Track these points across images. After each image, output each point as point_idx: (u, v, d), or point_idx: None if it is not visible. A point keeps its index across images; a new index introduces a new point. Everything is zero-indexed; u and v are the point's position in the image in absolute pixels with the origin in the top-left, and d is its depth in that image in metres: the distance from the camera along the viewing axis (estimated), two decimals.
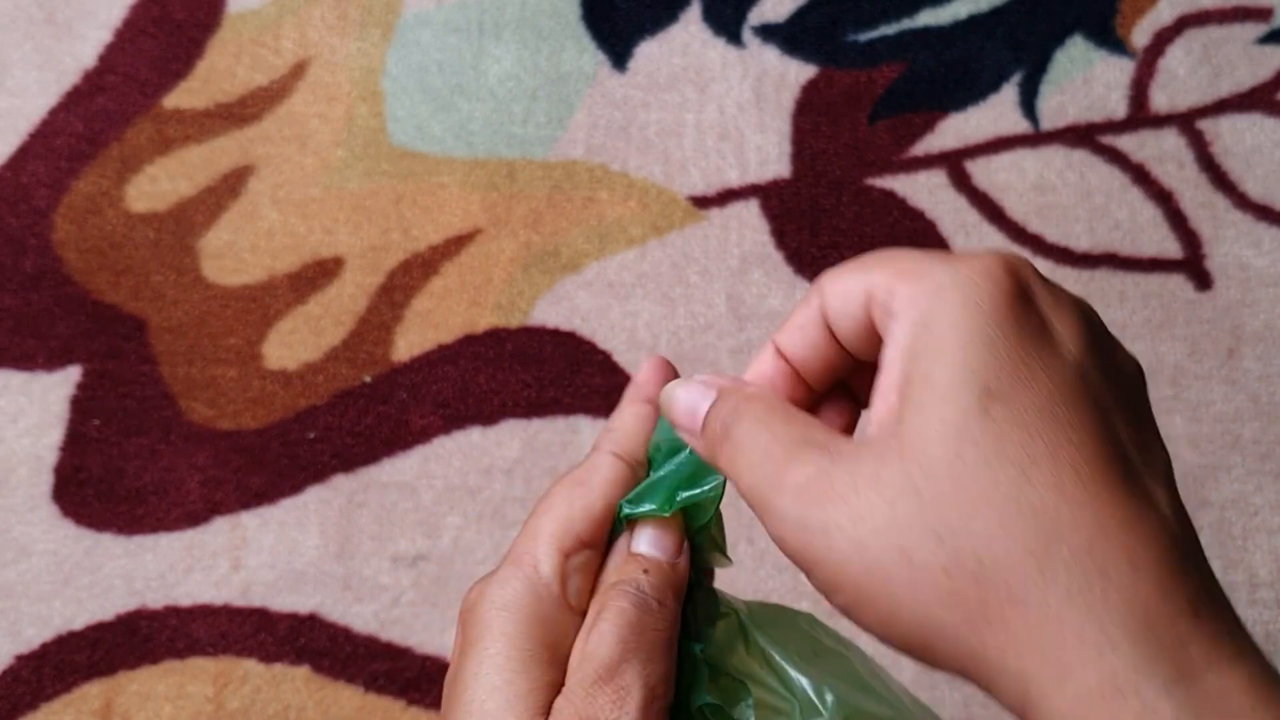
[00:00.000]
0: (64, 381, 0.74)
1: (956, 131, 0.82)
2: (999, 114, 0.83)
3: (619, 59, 0.84)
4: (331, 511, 0.71)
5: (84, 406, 0.74)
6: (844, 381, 0.33)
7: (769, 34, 0.85)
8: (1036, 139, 0.82)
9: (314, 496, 0.72)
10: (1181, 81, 0.83)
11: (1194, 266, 0.78)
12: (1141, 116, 0.82)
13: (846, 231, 0.78)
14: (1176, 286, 0.77)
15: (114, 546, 0.71)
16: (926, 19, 0.86)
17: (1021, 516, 0.25)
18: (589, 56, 0.84)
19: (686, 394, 0.32)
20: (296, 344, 0.76)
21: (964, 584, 0.25)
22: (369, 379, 0.75)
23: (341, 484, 0.72)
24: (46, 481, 0.72)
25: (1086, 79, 0.84)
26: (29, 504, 0.72)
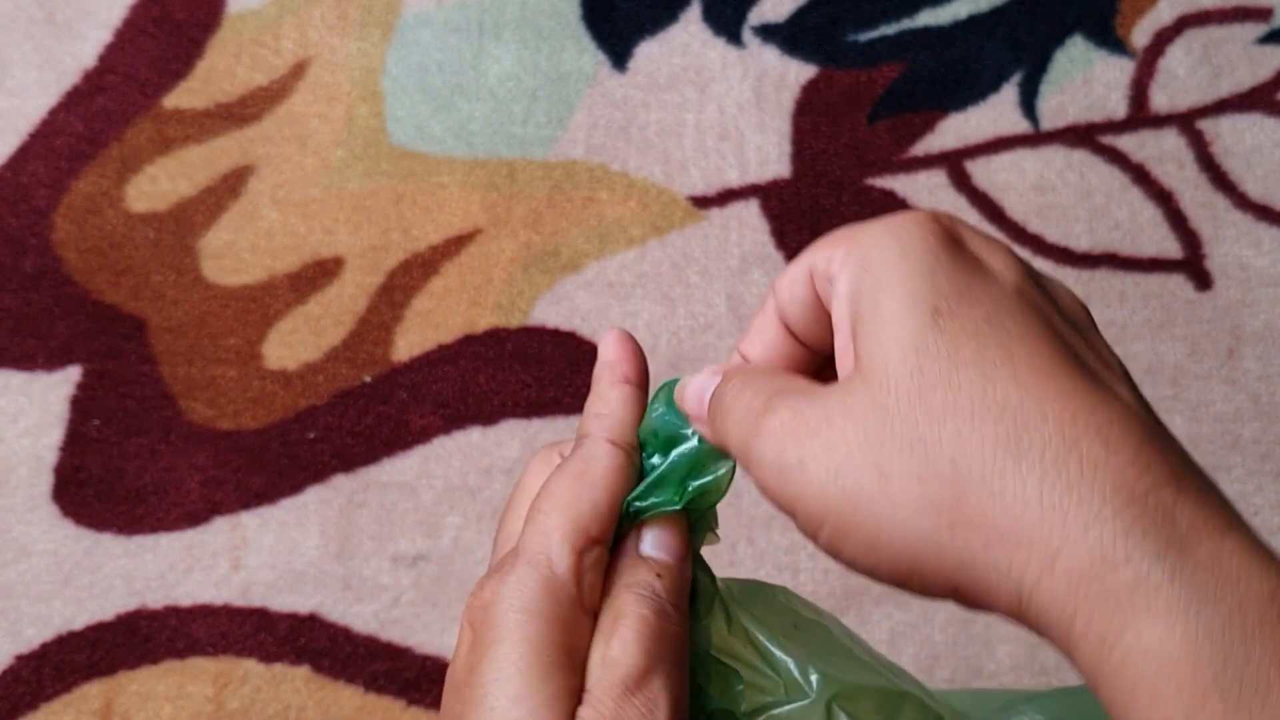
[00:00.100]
0: (64, 381, 0.74)
1: (956, 131, 0.82)
2: (999, 114, 0.83)
3: (619, 59, 0.84)
4: (331, 511, 0.71)
5: (84, 406, 0.74)
6: None
7: (769, 34, 0.85)
8: (1036, 139, 0.82)
9: (314, 496, 0.72)
10: (1181, 81, 0.83)
11: (1194, 266, 0.78)
12: (1141, 116, 0.82)
13: None
14: (1176, 286, 0.77)
15: (114, 546, 0.71)
16: (926, 19, 0.86)
17: (988, 412, 0.25)
18: (589, 56, 0.84)
19: (695, 384, 0.32)
20: (296, 344, 0.76)
21: (940, 489, 0.25)
22: (369, 379, 0.75)
23: (341, 484, 0.72)
24: (46, 481, 0.72)
25: (1086, 79, 0.84)
26: (29, 504, 0.72)
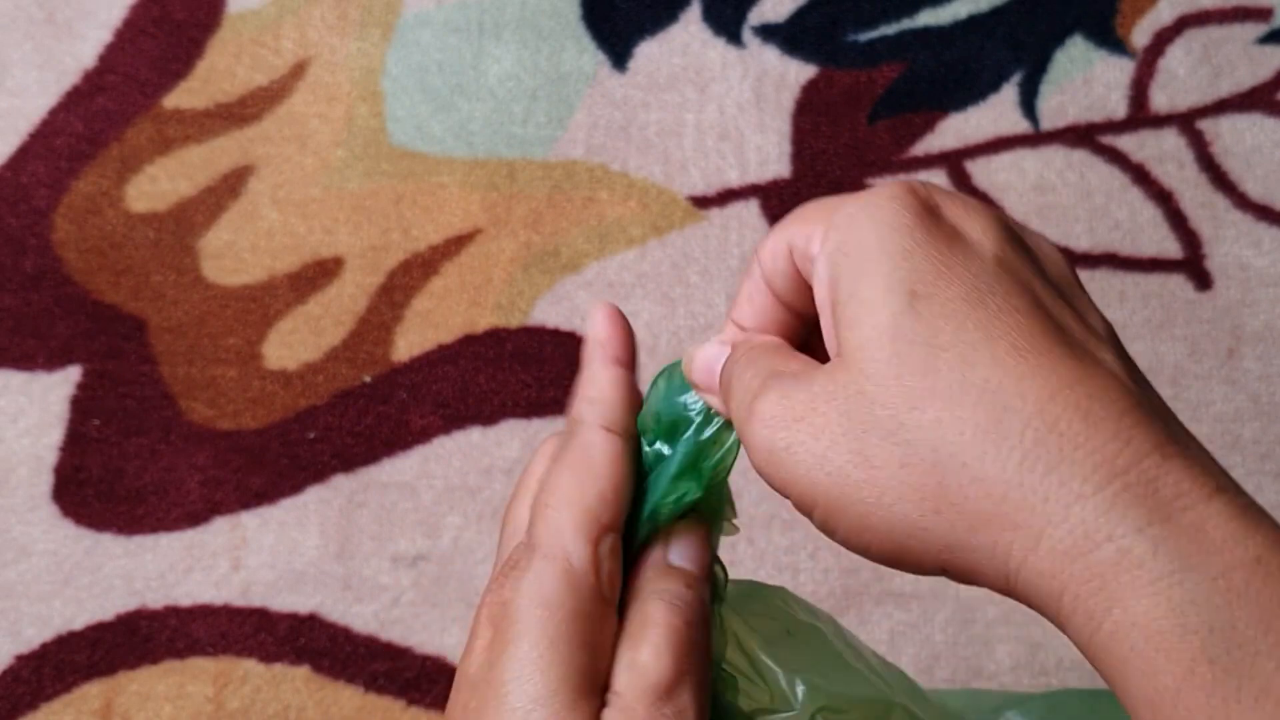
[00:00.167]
0: (64, 381, 0.74)
1: (956, 131, 0.82)
2: (999, 114, 0.83)
3: (619, 59, 0.84)
4: (331, 511, 0.71)
5: (84, 406, 0.74)
6: None
7: (769, 34, 0.85)
8: (1036, 139, 0.82)
9: (314, 496, 0.72)
10: (1181, 81, 0.83)
11: (1194, 266, 0.78)
12: (1141, 116, 0.82)
13: None
14: (1176, 286, 0.77)
15: (114, 546, 0.71)
16: (926, 19, 0.86)
17: (966, 396, 0.25)
18: (589, 56, 0.84)
19: (704, 355, 0.33)
20: (296, 344, 0.76)
21: (922, 475, 0.26)
22: (369, 379, 0.75)
23: (341, 484, 0.72)
24: (46, 481, 0.72)
25: (1086, 79, 0.84)
26: (29, 504, 0.72)
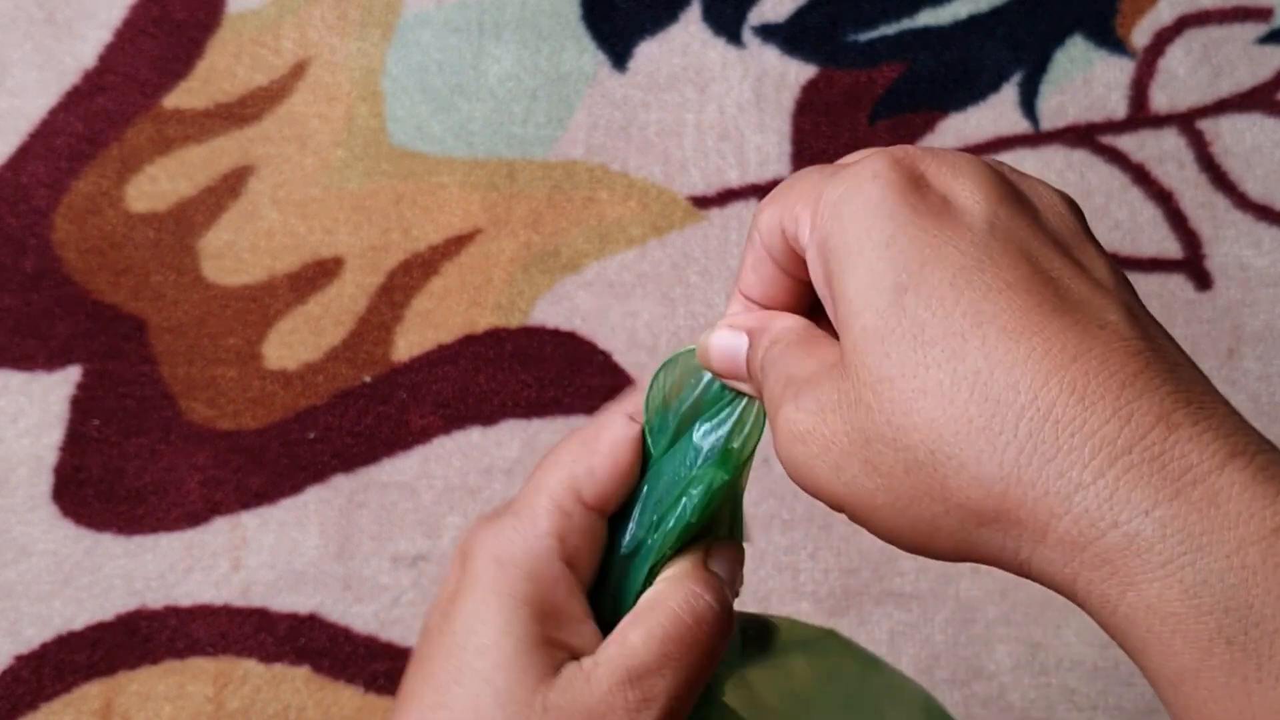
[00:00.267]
0: (64, 381, 0.74)
1: (956, 131, 0.82)
2: (999, 114, 0.83)
3: (619, 59, 0.84)
4: (331, 511, 0.72)
5: (84, 406, 0.74)
6: None
7: (769, 34, 0.85)
8: (1036, 139, 0.82)
9: (314, 496, 0.72)
10: (1181, 81, 0.83)
11: (1194, 266, 0.78)
12: (1141, 116, 0.82)
13: None
14: (1176, 286, 0.77)
15: (114, 546, 0.71)
16: (926, 19, 0.86)
17: (958, 392, 0.25)
18: (589, 56, 0.84)
19: (721, 344, 0.32)
20: (296, 344, 0.76)
21: (926, 478, 0.25)
22: (369, 379, 0.75)
23: (341, 484, 0.72)
24: (46, 481, 0.72)
25: (1086, 79, 0.84)
26: (29, 504, 0.72)
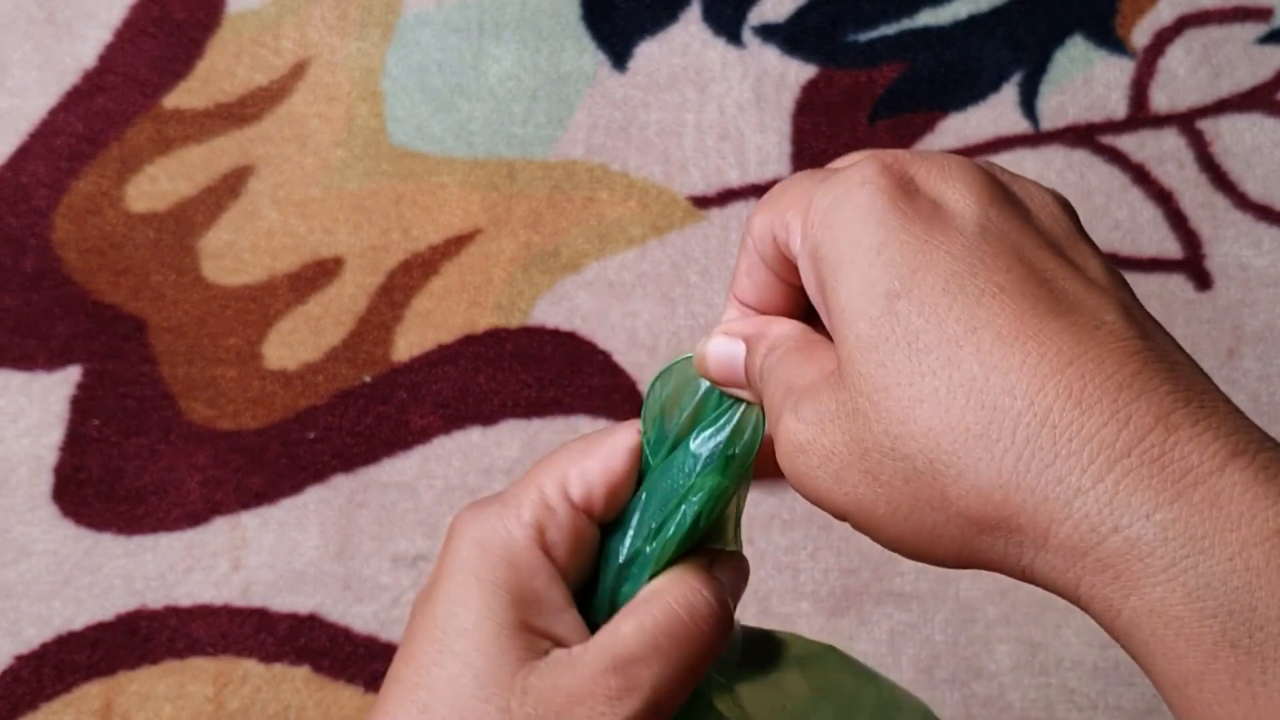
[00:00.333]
0: (64, 381, 0.74)
1: (956, 131, 0.82)
2: (999, 114, 0.83)
3: (619, 59, 0.84)
4: (331, 511, 0.72)
5: (84, 406, 0.74)
6: None
7: (769, 34, 0.85)
8: (1036, 139, 0.82)
9: (314, 496, 0.72)
10: (1181, 81, 0.83)
11: (1194, 266, 0.78)
12: (1141, 116, 0.82)
13: None
14: (1176, 286, 0.77)
15: (114, 546, 0.71)
16: (926, 19, 0.86)
17: (954, 400, 0.24)
18: (589, 56, 0.84)
19: (718, 352, 0.32)
20: (296, 344, 0.76)
21: (925, 487, 0.25)
22: (369, 379, 0.75)
23: (341, 484, 0.72)
24: (46, 481, 0.72)
25: (1086, 79, 0.84)
26: (29, 504, 0.72)
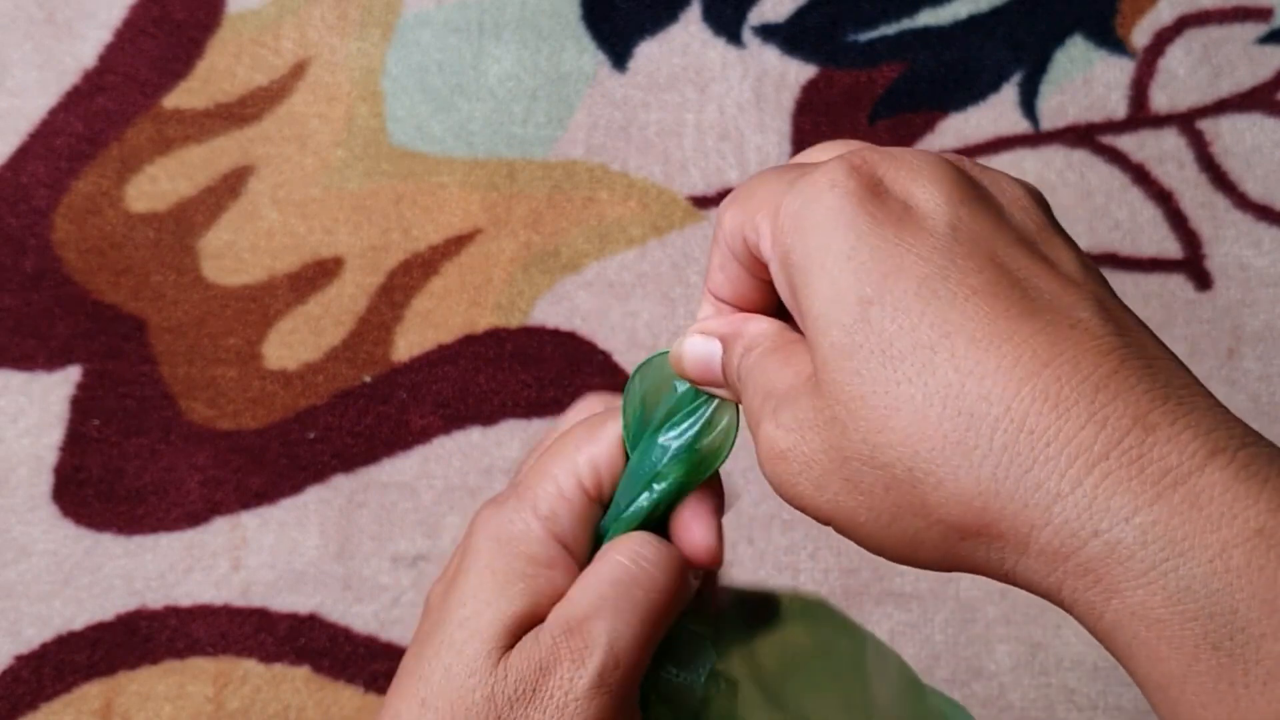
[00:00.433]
0: (64, 381, 0.74)
1: (956, 131, 0.82)
2: (999, 114, 0.83)
3: (619, 59, 0.84)
4: (331, 511, 0.72)
5: (84, 406, 0.74)
6: None
7: (769, 34, 0.85)
8: (1036, 139, 0.82)
9: (314, 496, 0.72)
10: (1181, 81, 0.83)
11: (1194, 266, 0.78)
12: (1141, 116, 0.82)
13: None
14: (1176, 286, 0.77)
15: (114, 546, 0.71)
16: (926, 19, 0.86)
17: (931, 408, 0.24)
18: (589, 56, 0.84)
19: (694, 352, 0.32)
20: (296, 344, 0.76)
21: (905, 495, 0.25)
22: (369, 379, 0.75)
23: (341, 484, 0.72)
24: (46, 481, 0.72)
25: (1086, 79, 0.84)
26: (29, 504, 0.72)
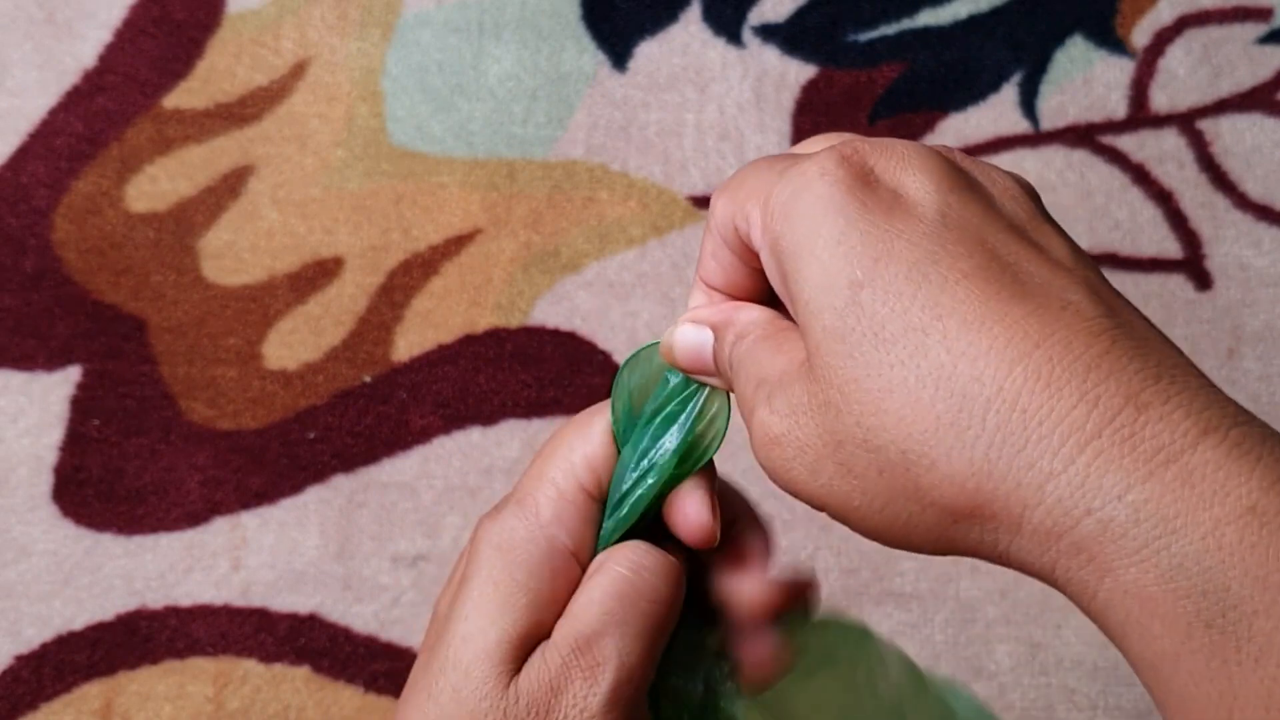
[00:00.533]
0: (64, 381, 0.74)
1: (956, 131, 0.82)
2: (999, 114, 0.83)
3: (619, 59, 0.84)
4: (331, 511, 0.72)
5: (84, 406, 0.74)
6: None
7: (769, 34, 0.85)
8: (1036, 139, 0.82)
9: (314, 496, 0.72)
10: (1181, 81, 0.83)
11: (1194, 266, 0.78)
12: (1141, 116, 0.82)
13: None
14: (1176, 286, 0.77)
15: (114, 546, 0.71)
16: (926, 19, 0.86)
17: (924, 390, 0.24)
18: (589, 56, 0.84)
19: (685, 341, 0.32)
20: (296, 344, 0.76)
21: (898, 477, 0.25)
22: (369, 379, 0.75)
23: (341, 484, 0.72)
24: (46, 481, 0.72)
25: (1086, 79, 0.84)
26: (29, 504, 0.72)
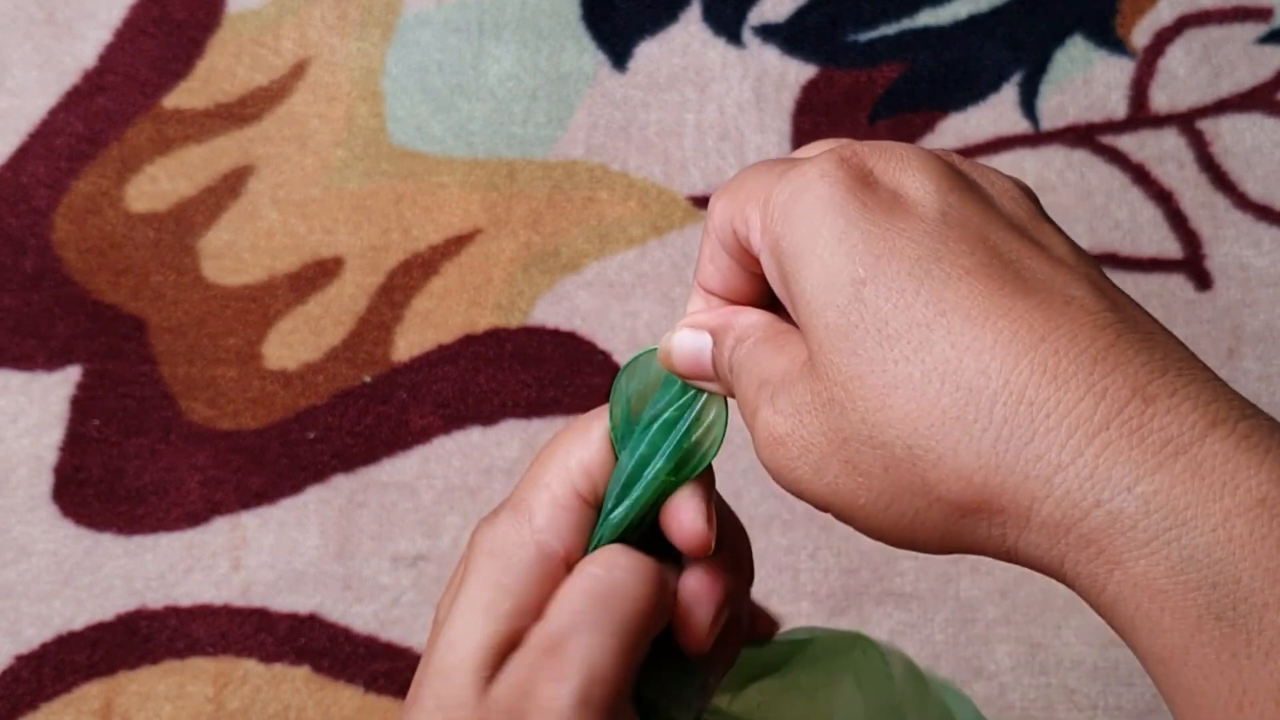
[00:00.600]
0: (64, 381, 0.74)
1: (956, 131, 0.82)
2: (999, 114, 0.83)
3: (619, 59, 0.84)
4: (331, 511, 0.72)
5: (84, 406, 0.74)
6: None
7: (769, 34, 0.85)
8: (1036, 139, 0.82)
9: (314, 496, 0.72)
10: (1181, 81, 0.83)
11: (1194, 266, 0.78)
12: (1141, 116, 0.82)
13: None
14: (1176, 286, 0.77)
15: (114, 546, 0.71)
16: (926, 19, 0.86)
17: (929, 384, 0.24)
18: (589, 56, 0.84)
19: (683, 346, 0.32)
20: (296, 344, 0.76)
21: (904, 473, 0.25)
22: (369, 379, 0.75)
23: (341, 484, 0.72)
24: (46, 481, 0.72)
25: (1086, 79, 0.84)
26: (29, 504, 0.72)
